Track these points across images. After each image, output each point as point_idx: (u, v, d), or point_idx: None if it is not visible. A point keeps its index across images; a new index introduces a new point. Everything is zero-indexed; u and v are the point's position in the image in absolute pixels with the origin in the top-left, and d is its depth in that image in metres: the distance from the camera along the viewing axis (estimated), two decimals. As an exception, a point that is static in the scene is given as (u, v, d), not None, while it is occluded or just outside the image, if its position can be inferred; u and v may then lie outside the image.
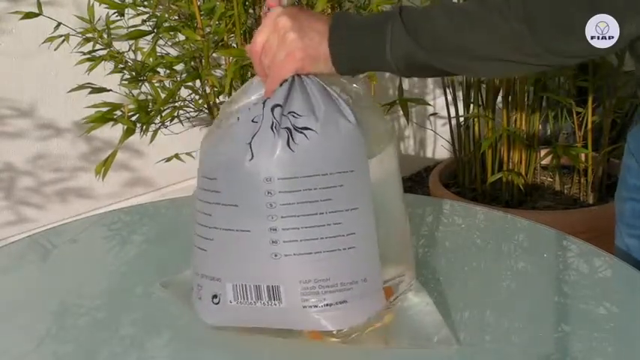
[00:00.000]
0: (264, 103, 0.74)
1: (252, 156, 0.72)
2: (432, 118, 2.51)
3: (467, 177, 2.09)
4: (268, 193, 0.72)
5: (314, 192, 0.72)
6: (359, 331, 0.75)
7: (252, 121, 0.74)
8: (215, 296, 0.76)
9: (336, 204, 0.72)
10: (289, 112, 0.73)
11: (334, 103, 0.74)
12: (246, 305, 0.75)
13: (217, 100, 1.67)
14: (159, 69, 1.59)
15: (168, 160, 1.71)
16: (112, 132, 1.62)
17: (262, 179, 0.72)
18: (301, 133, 0.72)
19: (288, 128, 0.72)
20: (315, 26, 0.75)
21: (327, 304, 0.73)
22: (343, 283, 0.73)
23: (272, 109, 0.73)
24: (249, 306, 0.75)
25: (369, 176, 0.74)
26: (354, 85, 0.79)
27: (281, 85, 0.75)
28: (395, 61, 0.74)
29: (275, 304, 0.74)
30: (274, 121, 0.72)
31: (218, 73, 1.68)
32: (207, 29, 1.56)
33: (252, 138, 0.73)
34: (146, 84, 1.59)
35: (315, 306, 0.73)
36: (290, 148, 0.71)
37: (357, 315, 0.74)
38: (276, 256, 0.73)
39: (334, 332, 0.74)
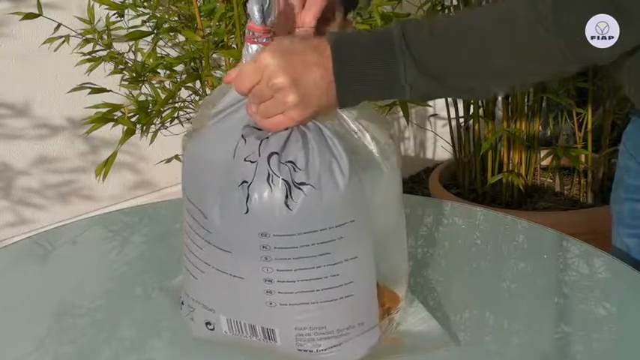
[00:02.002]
0: (260, 143, 0.69)
1: (248, 210, 0.68)
2: (431, 119, 2.51)
3: (467, 178, 2.09)
4: (264, 247, 0.69)
5: (311, 247, 0.68)
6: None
7: (245, 159, 0.69)
8: (209, 323, 0.75)
9: (335, 257, 0.69)
10: (287, 162, 0.68)
11: (331, 153, 0.69)
12: (241, 336, 0.74)
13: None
14: (159, 70, 1.60)
15: (169, 161, 1.71)
16: (113, 133, 1.62)
17: (258, 234, 0.68)
18: (299, 189, 0.67)
19: (286, 182, 0.67)
20: (313, 76, 0.68)
21: (322, 349, 0.72)
22: (339, 329, 0.72)
23: (268, 158, 0.68)
24: (245, 338, 0.74)
25: (371, 221, 0.70)
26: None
27: None
28: (411, 97, 0.70)
29: (271, 343, 0.73)
30: (270, 173, 0.67)
31: (218, 74, 1.68)
32: (208, 30, 1.56)
33: (248, 191, 0.68)
34: (146, 85, 1.59)
35: (311, 351, 0.72)
36: (288, 206, 0.67)
37: (354, 352, 0.73)
38: (271, 304, 0.70)
39: None
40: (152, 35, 1.59)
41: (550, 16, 0.65)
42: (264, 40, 0.71)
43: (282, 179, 0.67)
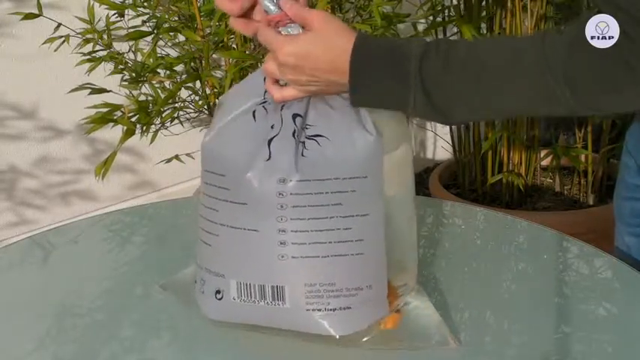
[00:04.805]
0: (281, 111, 0.74)
1: (270, 156, 0.72)
2: (432, 119, 2.50)
3: (467, 178, 2.09)
4: (280, 194, 0.71)
5: (325, 196, 0.72)
6: (361, 335, 0.75)
7: (272, 127, 0.74)
8: (218, 292, 0.76)
9: (347, 209, 0.72)
10: (305, 126, 0.73)
11: (354, 113, 0.73)
12: (249, 303, 0.75)
13: (217, 101, 1.67)
14: (159, 70, 1.59)
15: (169, 161, 1.71)
16: (114, 134, 1.62)
17: (276, 180, 0.71)
18: (313, 140, 0.72)
19: (302, 141, 0.73)
20: (329, 77, 0.72)
21: (331, 309, 0.73)
22: (348, 288, 0.73)
23: (293, 118, 0.73)
24: (253, 304, 0.75)
25: (383, 183, 0.73)
26: None
27: None
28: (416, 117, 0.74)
29: (278, 305, 0.74)
30: (296, 128, 0.72)
31: (218, 74, 1.68)
32: (208, 30, 1.56)
33: (271, 140, 0.73)
34: (146, 85, 1.59)
35: (319, 310, 0.73)
36: (303, 155, 0.72)
37: (360, 321, 0.74)
38: (282, 257, 0.72)
39: (337, 337, 0.74)
40: (152, 35, 1.59)
41: (559, 68, 0.66)
42: (288, 22, 0.74)
43: (301, 139, 0.72)
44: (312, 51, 0.72)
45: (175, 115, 1.62)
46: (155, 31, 1.58)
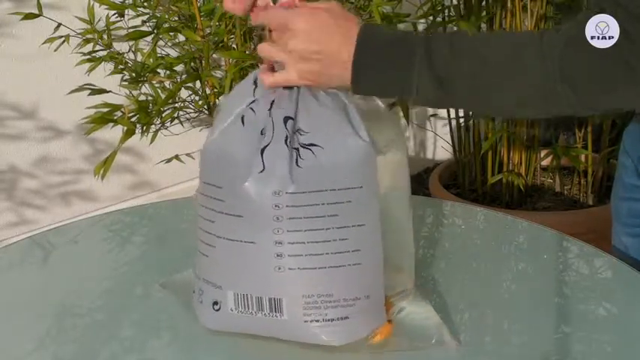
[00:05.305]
0: (270, 110, 0.73)
1: (264, 168, 0.71)
2: (432, 119, 2.51)
3: (467, 178, 2.09)
4: (276, 206, 0.71)
5: (321, 207, 0.71)
6: (360, 343, 0.74)
7: (261, 133, 0.73)
8: (216, 303, 0.76)
9: (343, 220, 0.72)
10: (298, 130, 0.72)
11: (346, 117, 0.73)
12: (247, 315, 0.75)
13: (217, 101, 1.67)
14: (159, 70, 1.59)
15: (169, 161, 1.71)
16: (114, 134, 1.62)
17: (271, 192, 0.71)
18: (308, 149, 0.71)
19: (295, 147, 0.72)
20: (336, 52, 0.72)
21: (328, 320, 0.73)
22: (346, 299, 0.73)
23: (284, 122, 0.72)
24: (250, 316, 0.74)
25: (378, 192, 0.73)
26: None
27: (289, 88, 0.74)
28: (418, 100, 0.74)
29: (276, 316, 0.73)
30: (287, 134, 0.72)
31: (218, 74, 1.68)
32: (208, 30, 1.56)
33: (264, 149, 0.72)
34: (146, 85, 1.59)
35: (317, 320, 0.73)
36: (298, 165, 0.71)
37: (359, 331, 0.74)
38: (279, 269, 0.72)
39: (335, 346, 0.74)
40: (152, 35, 1.59)
41: (556, 67, 0.66)
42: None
43: (294, 146, 0.71)
44: (328, 22, 0.73)
45: (175, 115, 1.62)
46: (155, 31, 1.58)
